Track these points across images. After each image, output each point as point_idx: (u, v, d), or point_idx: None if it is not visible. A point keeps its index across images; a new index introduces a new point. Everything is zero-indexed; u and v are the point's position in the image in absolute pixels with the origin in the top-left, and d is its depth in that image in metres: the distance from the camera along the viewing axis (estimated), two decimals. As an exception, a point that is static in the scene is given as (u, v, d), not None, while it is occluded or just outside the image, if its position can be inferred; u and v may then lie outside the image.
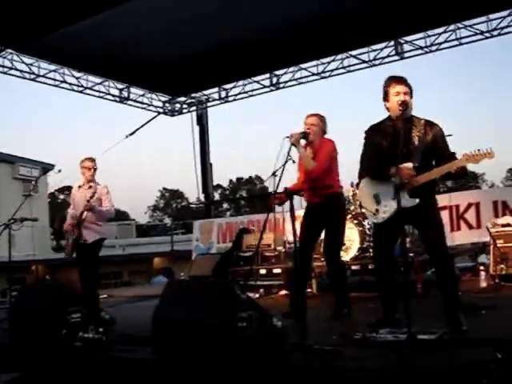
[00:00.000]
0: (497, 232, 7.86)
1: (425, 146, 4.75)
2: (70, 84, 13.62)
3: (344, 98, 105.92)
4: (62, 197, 77.11)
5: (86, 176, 7.39)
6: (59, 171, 29.66)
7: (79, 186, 7.53)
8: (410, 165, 4.69)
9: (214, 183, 17.68)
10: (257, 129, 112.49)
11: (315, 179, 6.28)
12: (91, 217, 7.20)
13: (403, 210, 4.49)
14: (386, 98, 4.91)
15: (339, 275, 6.53)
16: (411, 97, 4.86)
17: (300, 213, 9.50)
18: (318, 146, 6.34)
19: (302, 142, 6.32)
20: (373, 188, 5.05)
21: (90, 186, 7.30)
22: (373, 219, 5.08)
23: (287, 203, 5.23)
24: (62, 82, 13.41)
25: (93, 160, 7.46)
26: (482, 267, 7.89)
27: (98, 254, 7.37)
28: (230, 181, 77.58)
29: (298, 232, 6.09)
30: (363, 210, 5.20)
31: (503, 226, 8.04)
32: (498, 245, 7.68)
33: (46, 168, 29.33)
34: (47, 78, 13.19)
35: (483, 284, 7.47)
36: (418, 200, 4.67)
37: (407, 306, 4.03)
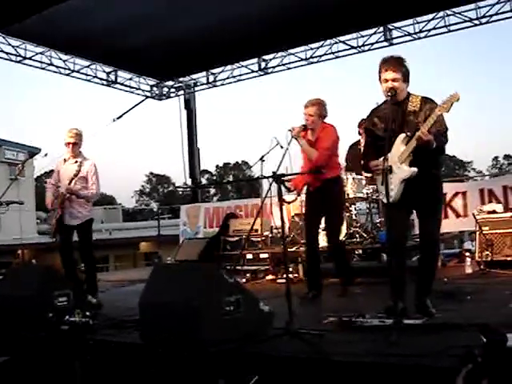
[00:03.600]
0: (483, 219, 7.91)
1: (418, 120, 4.74)
2: (57, 67, 13.45)
3: (333, 83, 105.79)
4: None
5: (70, 151, 7.06)
6: (45, 155, 29.27)
7: (64, 160, 7.19)
8: (402, 135, 4.74)
9: (201, 168, 17.63)
10: (245, 114, 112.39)
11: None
12: (75, 198, 6.95)
13: (408, 184, 4.68)
14: (379, 80, 4.91)
15: (339, 255, 6.82)
16: (405, 79, 4.83)
17: (288, 198, 9.55)
18: (319, 132, 6.55)
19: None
20: None
21: (76, 161, 6.94)
22: (383, 200, 5.08)
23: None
24: (48, 64, 13.24)
25: (74, 134, 7.05)
26: (467, 253, 7.96)
27: (90, 236, 7.15)
28: (217, 166, 77.56)
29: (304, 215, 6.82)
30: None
31: (489, 212, 8.10)
32: (484, 231, 7.73)
33: (33, 152, 29.17)
34: (34, 60, 12.99)
35: (469, 270, 7.53)
36: (415, 169, 4.68)
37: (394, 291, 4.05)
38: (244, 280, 8.37)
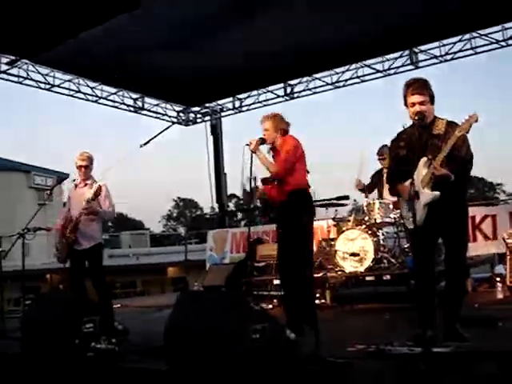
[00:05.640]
0: (513, 242, 7.76)
1: (441, 145, 4.68)
2: (85, 94, 13.70)
3: (358, 107, 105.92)
4: (76, 206, 77.50)
5: (80, 175, 7.00)
6: (74, 180, 29.71)
7: (75, 185, 7.11)
8: (424, 159, 4.69)
9: (228, 192, 17.65)
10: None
11: (280, 180, 6.05)
12: (87, 220, 6.75)
13: (433, 209, 4.61)
14: (405, 104, 4.87)
15: (304, 288, 5.88)
16: (432, 102, 4.81)
17: (321, 223, 9.53)
18: (279, 146, 6.09)
19: (263, 147, 6.12)
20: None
21: (86, 184, 6.89)
22: (408, 225, 5.02)
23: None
24: (77, 91, 13.49)
25: (85, 157, 6.96)
26: (498, 278, 7.82)
27: (101, 260, 6.93)
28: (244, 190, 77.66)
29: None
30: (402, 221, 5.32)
31: (519, 236, 7.94)
32: (515, 256, 7.59)
33: (61, 177, 29.41)
34: (62, 87, 13.27)
35: (500, 295, 7.40)
36: (438, 193, 4.62)
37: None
38: (270, 306, 8.31)
